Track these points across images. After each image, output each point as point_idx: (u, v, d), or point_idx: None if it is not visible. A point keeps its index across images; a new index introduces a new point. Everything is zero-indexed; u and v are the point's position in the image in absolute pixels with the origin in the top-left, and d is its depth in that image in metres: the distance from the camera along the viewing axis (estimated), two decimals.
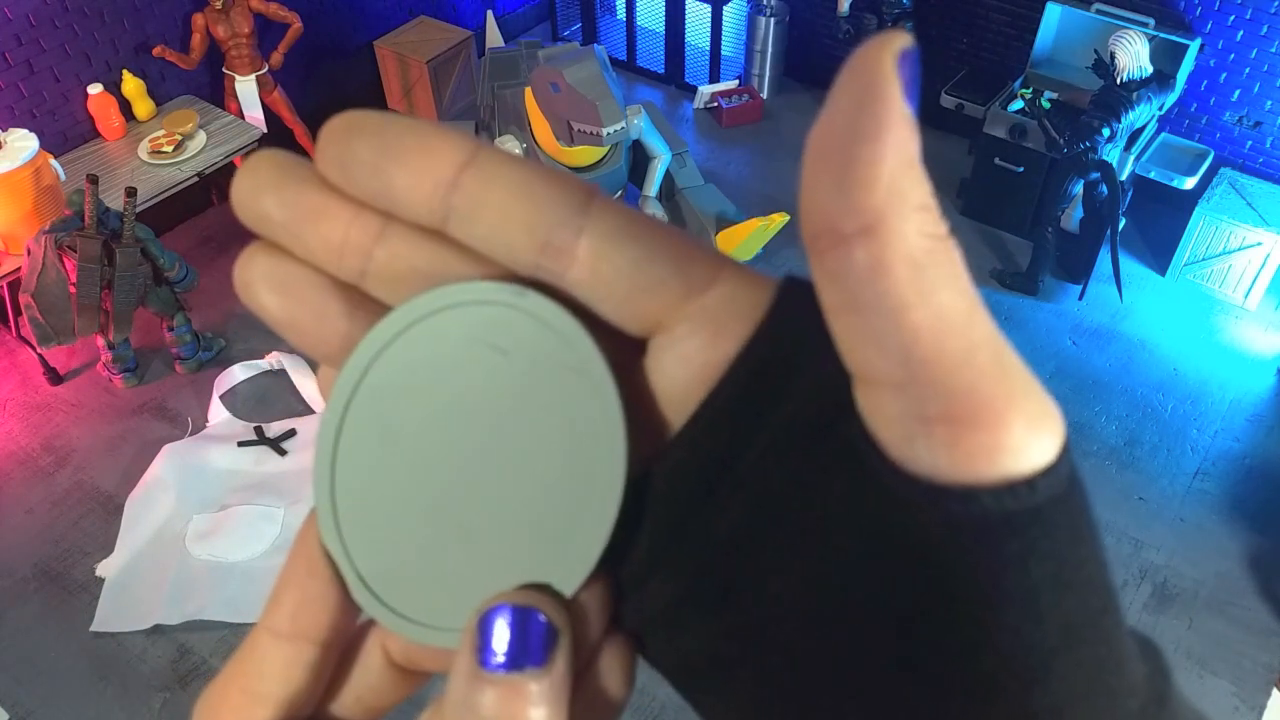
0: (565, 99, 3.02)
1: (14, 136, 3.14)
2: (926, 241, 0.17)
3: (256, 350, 3.50)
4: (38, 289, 3.00)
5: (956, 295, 0.17)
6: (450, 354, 0.22)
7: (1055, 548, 0.17)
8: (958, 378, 0.17)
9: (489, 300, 0.22)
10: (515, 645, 0.21)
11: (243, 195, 0.22)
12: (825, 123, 0.17)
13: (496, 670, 0.21)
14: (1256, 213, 3.61)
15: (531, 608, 0.22)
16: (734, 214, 3.37)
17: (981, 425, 0.17)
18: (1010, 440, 0.17)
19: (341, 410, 0.23)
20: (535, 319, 0.21)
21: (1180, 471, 3.20)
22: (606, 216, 0.21)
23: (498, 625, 0.22)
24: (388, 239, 0.22)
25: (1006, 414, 0.17)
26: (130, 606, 2.75)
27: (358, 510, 0.23)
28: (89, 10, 3.59)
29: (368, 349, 0.22)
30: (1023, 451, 0.17)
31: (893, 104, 0.16)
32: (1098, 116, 3.34)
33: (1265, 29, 3.61)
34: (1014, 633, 0.18)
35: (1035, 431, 0.17)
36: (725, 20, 4.66)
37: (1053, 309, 3.76)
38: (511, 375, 0.22)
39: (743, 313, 0.21)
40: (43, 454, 3.26)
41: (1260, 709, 2.61)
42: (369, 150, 0.21)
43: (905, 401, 0.17)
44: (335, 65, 4.45)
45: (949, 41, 4.31)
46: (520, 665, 0.21)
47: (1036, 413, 0.17)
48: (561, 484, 0.22)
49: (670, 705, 2.51)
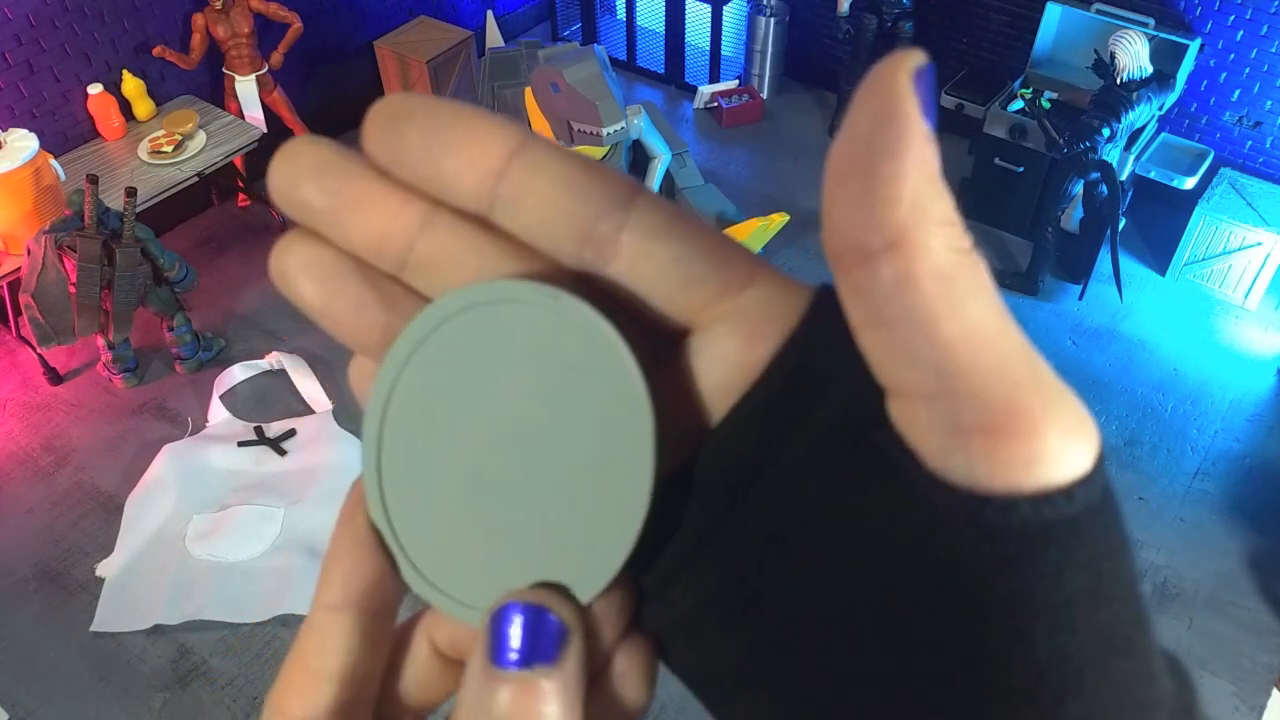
0: (565, 99, 3.02)
1: (14, 136, 3.14)
2: (953, 255, 0.17)
3: (256, 350, 3.50)
4: (38, 289, 3.00)
5: (986, 307, 0.17)
6: (487, 351, 0.22)
7: (1091, 558, 0.17)
8: (992, 388, 0.17)
9: (525, 300, 0.22)
10: (527, 643, 0.21)
11: (281, 182, 0.22)
12: (845, 141, 0.17)
13: (509, 667, 0.21)
14: (1256, 213, 3.61)
15: (542, 606, 0.22)
16: (734, 214, 3.37)
17: (1018, 435, 0.17)
18: (1048, 450, 0.17)
19: (385, 398, 0.23)
20: (570, 322, 0.22)
21: (1180, 471, 3.20)
22: (649, 212, 0.21)
23: (510, 623, 0.22)
24: (430, 231, 0.22)
25: (1043, 423, 0.17)
26: (130, 606, 2.75)
27: (400, 492, 0.24)
28: (89, 10, 3.59)
29: (409, 340, 0.23)
30: (1060, 461, 0.17)
31: (912, 120, 0.17)
32: (1098, 116, 3.34)
33: (1265, 29, 3.61)
34: (1048, 643, 0.17)
35: (1072, 441, 0.17)
36: (725, 20, 4.66)
37: (1053, 309, 3.76)
38: (545, 375, 0.22)
39: (778, 316, 0.21)
40: (43, 454, 3.26)
41: (1260, 709, 2.61)
42: (419, 136, 0.21)
43: (940, 413, 0.17)
44: (335, 65, 4.45)
45: (949, 41, 4.31)
46: (532, 663, 0.21)
47: (1072, 422, 0.17)
48: (590, 486, 0.22)
49: (670, 705, 2.51)
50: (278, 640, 2.73)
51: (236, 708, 2.62)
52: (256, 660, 2.70)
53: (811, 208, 4.13)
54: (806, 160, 4.44)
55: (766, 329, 0.21)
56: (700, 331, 0.22)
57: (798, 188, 4.27)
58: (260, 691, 2.64)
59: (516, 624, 0.22)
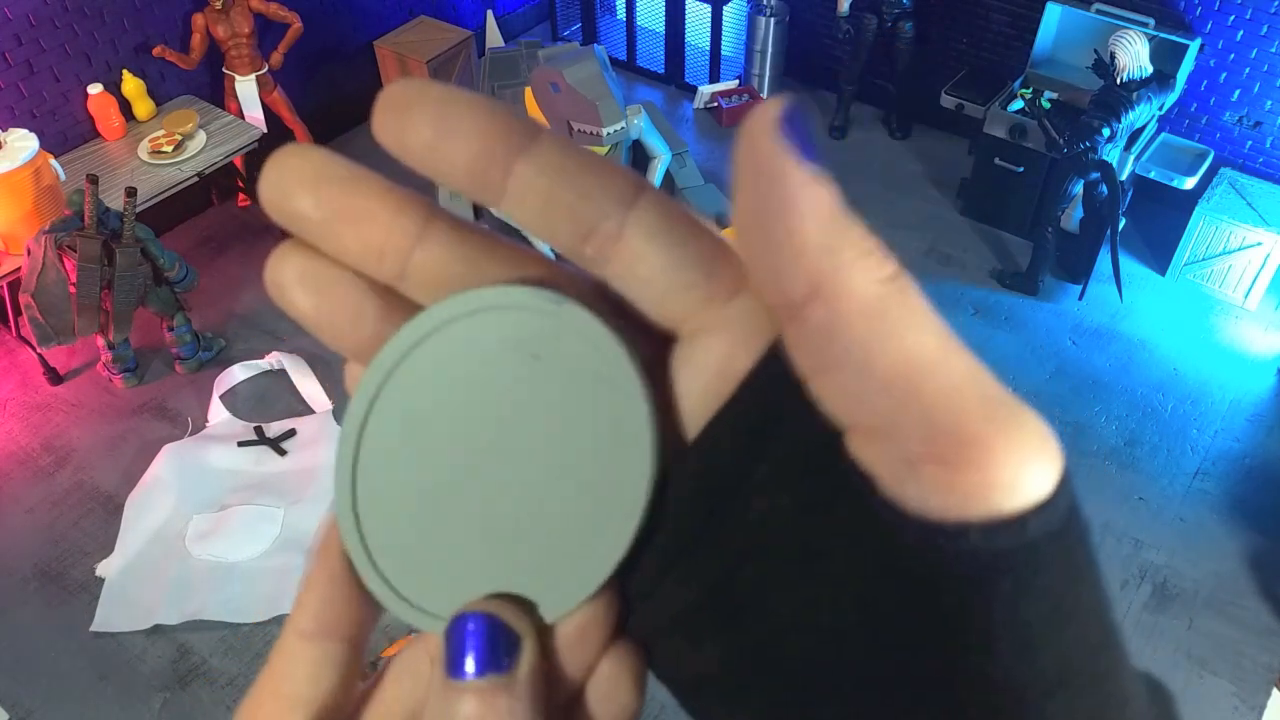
0: (565, 99, 3.02)
1: (14, 136, 3.14)
2: (877, 287, 0.17)
3: (256, 350, 3.50)
4: (38, 289, 3.00)
5: (923, 334, 0.17)
6: (482, 356, 0.22)
7: (1051, 584, 0.17)
8: (939, 418, 0.16)
9: (525, 306, 0.22)
10: (482, 654, 0.22)
11: (273, 193, 0.22)
12: (739, 212, 0.17)
13: (465, 679, 0.22)
14: (1256, 213, 3.61)
15: (492, 615, 0.22)
16: None
17: (968, 464, 0.16)
18: (999, 478, 0.16)
19: (368, 402, 0.23)
20: (571, 328, 0.21)
21: (1180, 471, 3.20)
22: (650, 212, 0.21)
23: (465, 635, 0.22)
24: (427, 241, 0.22)
25: (995, 450, 0.16)
26: (130, 606, 2.75)
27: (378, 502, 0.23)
28: (89, 10, 3.59)
29: (399, 345, 0.22)
30: (1015, 488, 0.16)
31: (790, 172, 0.17)
32: (1098, 116, 3.34)
33: (1265, 29, 3.61)
34: (1008, 669, 0.17)
35: (1027, 467, 0.16)
36: (725, 20, 4.67)
37: (1053, 309, 3.76)
38: (543, 382, 0.22)
39: (763, 327, 0.21)
40: (43, 454, 3.26)
41: (1260, 709, 2.61)
42: (428, 128, 0.21)
43: (890, 447, 0.17)
44: (335, 65, 4.45)
45: (949, 41, 4.31)
46: (485, 672, 0.22)
47: (1029, 446, 0.17)
48: (584, 493, 0.22)
49: (670, 706, 2.50)
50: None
51: (236, 707, 2.62)
52: (256, 660, 2.70)
53: None
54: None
55: (751, 339, 0.21)
56: (685, 339, 0.22)
57: None
58: None
59: (471, 635, 0.22)
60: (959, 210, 4.13)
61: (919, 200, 4.21)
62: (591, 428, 0.22)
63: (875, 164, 4.39)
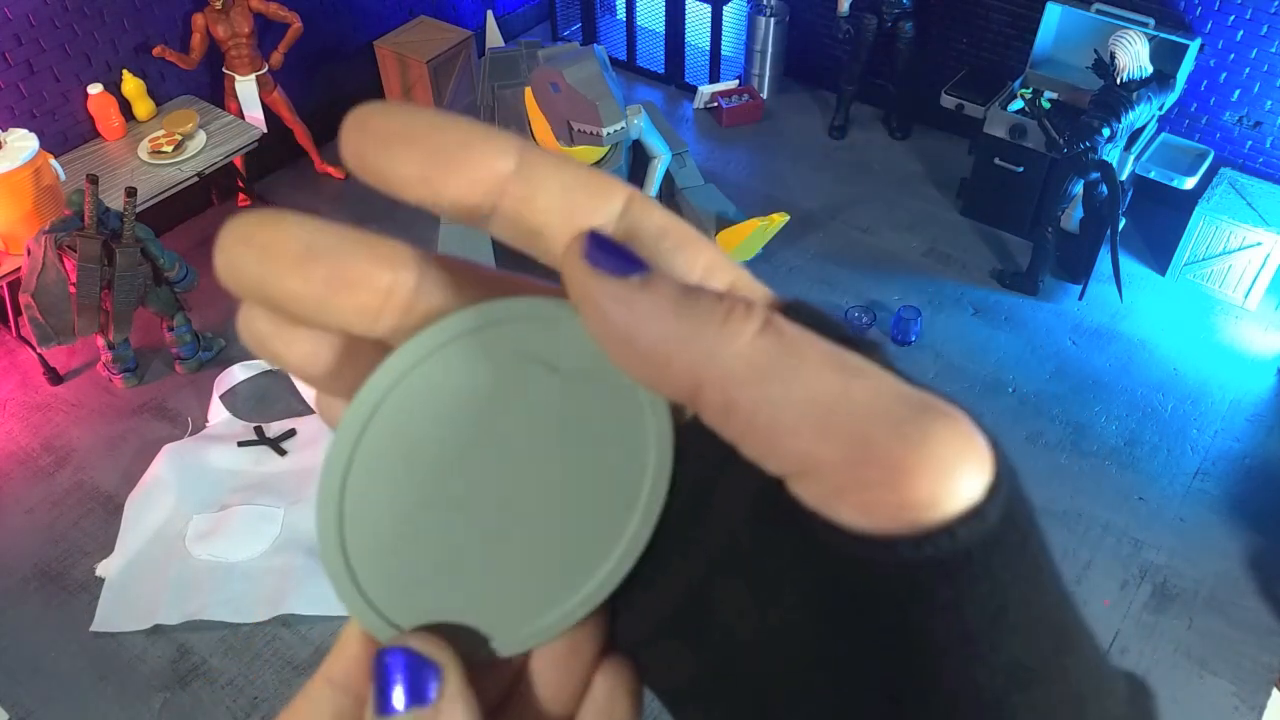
0: (565, 99, 3.02)
1: (14, 136, 3.14)
2: (750, 347, 0.17)
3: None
4: (38, 289, 3.00)
5: (815, 371, 0.17)
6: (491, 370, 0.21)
7: (994, 589, 0.17)
8: (850, 449, 0.17)
9: (541, 316, 0.21)
10: (408, 687, 0.22)
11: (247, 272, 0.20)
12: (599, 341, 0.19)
13: (392, 714, 0.22)
14: (1256, 213, 3.61)
15: (410, 649, 0.22)
16: (734, 214, 3.36)
17: (884, 486, 0.17)
18: (916, 495, 0.16)
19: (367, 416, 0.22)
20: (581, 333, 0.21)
21: (1180, 471, 3.20)
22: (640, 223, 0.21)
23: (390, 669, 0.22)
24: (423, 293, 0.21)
25: (907, 469, 0.16)
26: (130, 606, 2.75)
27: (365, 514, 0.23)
28: (89, 10, 3.59)
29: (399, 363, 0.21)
30: (935, 501, 0.16)
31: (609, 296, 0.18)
32: (1098, 116, 3.34)
33: (1265, 29, 3.61)
34: (958, 677, 0.17)
35: (947, 478, 0.17)
36: (725, 20, 4.66)
37: (1053, 309, 3.76)
38: (558, 393, 0.22)
39: None
40: (43, 454, 3.26)
41: (1260, 709, 2.61)
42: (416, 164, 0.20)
43: (815, 484, 0.17)
44: (335, 65, 4.45)
45: (949, 41, 4.31)
46: (410, 705, 0.22)
47: (950, 458, 0.17)
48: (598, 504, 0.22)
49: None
50: (278, 640, 2.73)
51: (236, 708, 2.62)
52: (256, 660, 2.70)
53: (811, 208, 4.13)
54: (806, 160, 4.44)
55: None
56: None
57: (797, 188, 4.27)
58: (260, 691, 2.65)
59: (391, 670, 0.22)
60: (959, 210, 4.13)
61: (919, 200, 4.21)
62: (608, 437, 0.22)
63: (875, 164, 4.39)
